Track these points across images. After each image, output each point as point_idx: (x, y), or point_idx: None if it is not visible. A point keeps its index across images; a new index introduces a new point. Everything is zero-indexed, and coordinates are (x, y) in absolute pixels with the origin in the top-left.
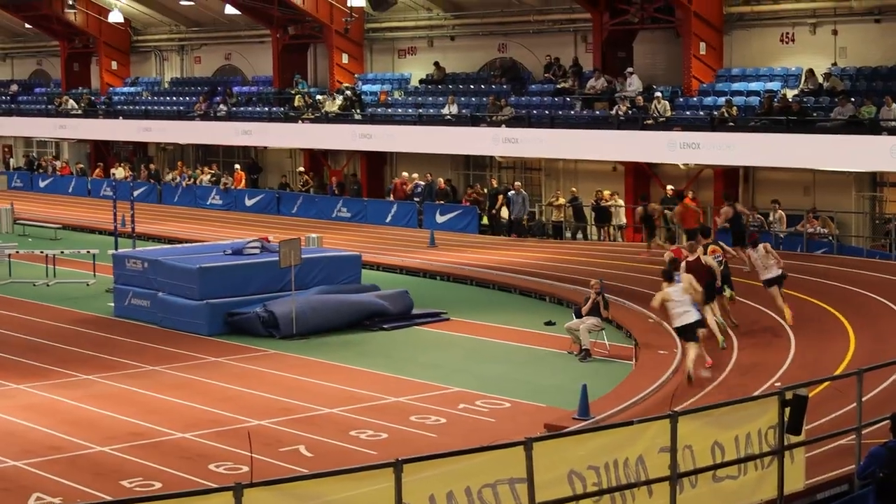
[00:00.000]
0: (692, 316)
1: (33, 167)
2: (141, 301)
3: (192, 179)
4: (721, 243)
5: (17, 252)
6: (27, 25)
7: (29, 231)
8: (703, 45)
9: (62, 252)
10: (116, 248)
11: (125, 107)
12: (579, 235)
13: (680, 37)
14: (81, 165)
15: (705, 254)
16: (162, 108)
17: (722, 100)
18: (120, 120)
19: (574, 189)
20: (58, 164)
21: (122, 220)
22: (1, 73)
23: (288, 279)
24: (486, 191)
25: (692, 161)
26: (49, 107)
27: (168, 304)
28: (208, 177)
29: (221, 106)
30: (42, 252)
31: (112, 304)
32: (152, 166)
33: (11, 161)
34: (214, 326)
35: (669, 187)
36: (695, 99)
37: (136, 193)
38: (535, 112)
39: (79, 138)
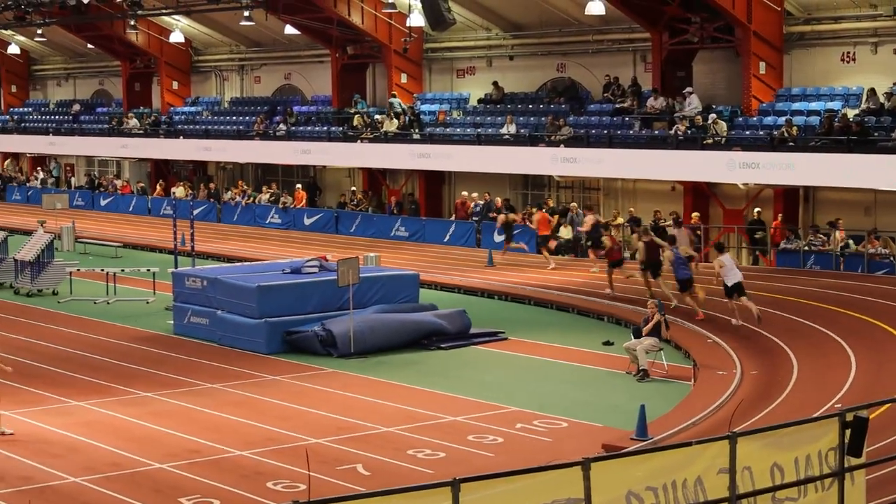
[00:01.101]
0: (737, 276)
1: (95, 186)
2: (200, 319)
3: (252, 198)
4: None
5: (79, 270)
6: (89, 46)
7: (90, 249)
8: (762, 64)
9: (122, 270)
10: (176, 267)
11: (185, 126)
12: (637, 255)
13: (739, 56)
14: (142, 184)
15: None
16: (222, 127)
17: (782, 119)
18: (180, 139)
19: (632, 209)
20: (119, 182)
21: (182, 238)
22: (63, 92)
23: (346, 298)
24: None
25: (751, 181)
26: (110, 126)
27: (227, 322)
28: (267, 196)
29: (281, 125)
30: (103, 270)
31: (171, 322)
32: (212, 185)
33: (73, 180)
34: (273, 345)
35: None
36: (754, 118)
37: (195, 212)
38: (593, 132)
39: (140, 157)
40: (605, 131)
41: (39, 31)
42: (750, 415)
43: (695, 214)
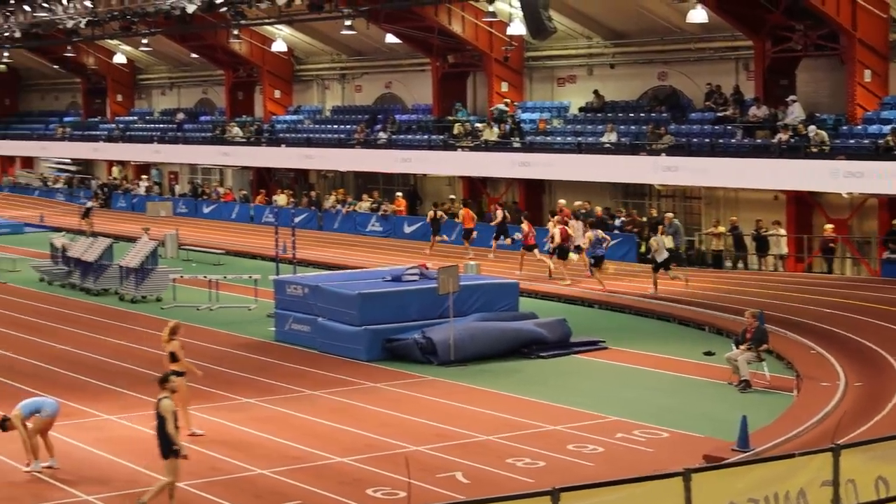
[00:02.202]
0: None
1: (198, 193)
2: (301, 326)
3: (352, 206)
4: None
5: (182, 277)
6: (193, 55)
7: (193, 256)
8: (867, 72)
9: (225, 277)
10: (277, 274)
11: (287, 134)
12: (739, 265)
13: (844, 64)
14: (244, 192)
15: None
16: (323, 135)
17: (887, 128)
18: (282, 147)
19: (734, 218)
20: (221, 190)
21: (284, 246)
22: (168, 101)
23: (446, 306)
24: (644, 219)
25: (856, 190)
26: (214, 135)
27: (328, 329)
28: (368, 204)
29: (381, 133)
30: (205, 277)
31: (273, 329)
32: (313, 193)
33: (177, 187)
34: (373, 352)
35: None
36: (859, 127)
37: (297, 220)
38: (695, 140)
39: (242, 165)
40: (707, 140)
41: (145, 41)
42: (854, 427)
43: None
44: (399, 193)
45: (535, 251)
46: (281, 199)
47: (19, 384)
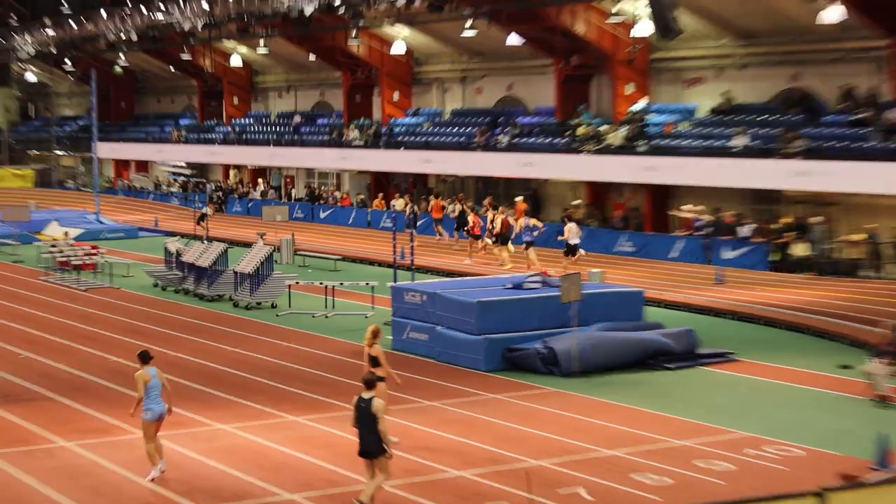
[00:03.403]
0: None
1: (314, 198)
2: (419, 334)
3: (473, 212)
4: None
5: (297, 283)
6: (311, 57)
7: (309, 262)
8: None
9: (341, 284)
10: (395, 281)
11: (406, 138)
12: (879, 273)
13: None
14: (362, 196)
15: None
16: (443, 139)
17: None
18: (401, 151)
19: (872, 225)
20: (338, 194)
21: (402, 252)
22: (284, 104)
23: (568, 315)
24: (773, 226)
25: None
26: (331, 138)
27: (446, 337)
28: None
29: (502, 137)
30: (321, 283)
31: (390, 338)
32: (432, 198)
33: (293, 192)
34: (493, 362)
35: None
36: None
37: (418, 225)
38: (829, 144)
39: (360, 169)
40: (842, 144)
41: (262, 43)
42: None
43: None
44: (519, 198)
45: (481, 241)
46: (399, 203)
47: (131, 390)
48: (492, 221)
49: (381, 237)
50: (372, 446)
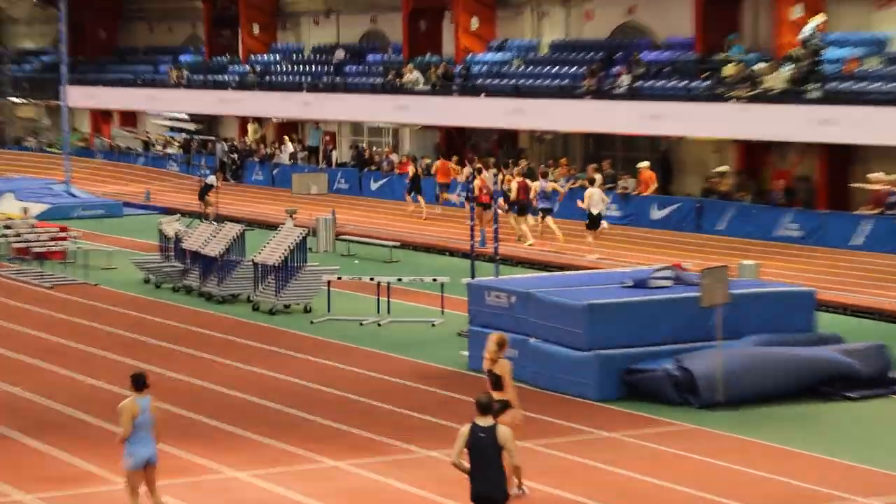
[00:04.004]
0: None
1: (363, 163)
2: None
3: (580, 182)
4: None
5: (339, 278)
6: None
7: (355, 250)
8: None
9: (399, 279)
10: (473, 276)
11: (488, 81)
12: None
13: None
14: (427, 160)
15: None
16: (538, 82)
17: None
18: (481, 98)
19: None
20: (395, 158)
21: (482, 236)
22: (322, 34)
23: (711, 324)
24: None
25: None
26: (385, 81)
27: (543, 354)
28: (601, 178)
29: (621, 79)
30: (372, 279)
31: (466, 354)
32: (523, 163)
33: (335, 154)
34: (607, 387)
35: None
36: None
37: (500, 200)
38: None
39: (424, 124)
40: None
41: None
42: None
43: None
44: (644, 164)
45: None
46: (466, 172)
47: (114, 424)
48: (503, 184)
49: (452, 217)
50: (494, 489)
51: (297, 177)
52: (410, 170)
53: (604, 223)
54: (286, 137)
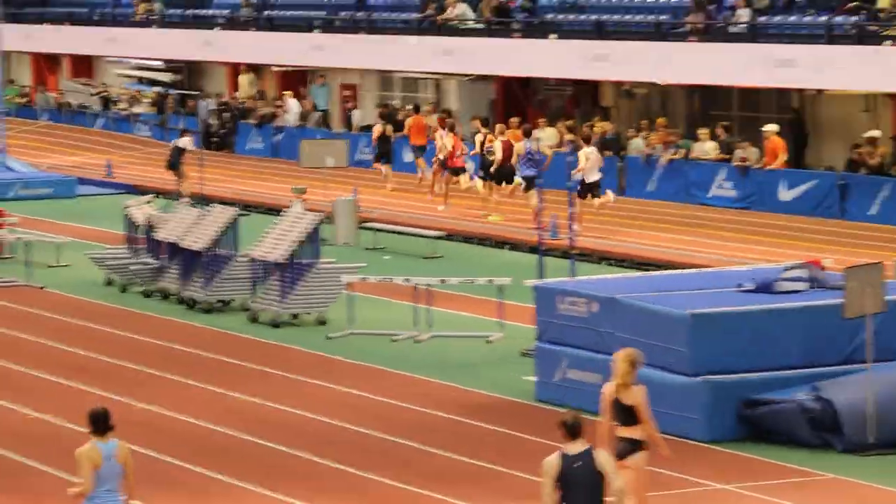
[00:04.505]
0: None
1: (394, 126)
2: (584, 374)
3: (683, 152)
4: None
5: (363, 279)
6: None
7: (385, 241)
8: None
9: (442, 281)
10: (541, 276)
11: (560, 16)
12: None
13: None
14: (480, 122)
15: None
16: (627, 17)
17: None
18: (549, 40)
19: None
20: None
21: (553, 224)
22: None
23: (859, 341)
24: None
25: None
26: (421, 16)
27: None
28: (712, 147)
29: (738, 14)
30: (407, 280)
31: (532, 379)
32: (605, 126)
33: (356, 115)
34: (719, 424)
35: None
36: None
37: (577, 176)
38: None
39: (474, 74)
40: None
41: None
42: None
43: None
44: (771, 127)
45: (464, 177)
46: (546, 136)
47: (69, 473)
48: (482, 145)
49: (514, 197)
50: None
51: (306, 144)
52: (377, 130)
53: (609, 194)
54: (291, 92)
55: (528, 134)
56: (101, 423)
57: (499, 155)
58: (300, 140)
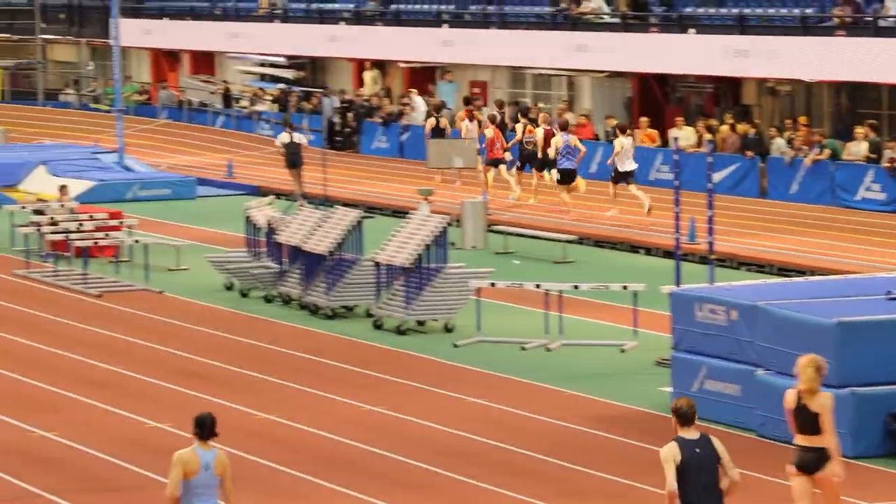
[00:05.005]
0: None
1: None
2: (723, 385)
3: (828, 152)
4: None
5: (493, 285)
6: None
7: (514, 245)
8: None
9: (575, 287)
10: (678, 282)
11: (700, 10)
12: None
13: None
14: (614, 121)
15: None
16: (771, 11)
17: None
18: (690, 35)
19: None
20: (571, 118)
21: (691, 227)
22: None
23: None
24: None
25: None
26: (554, 11)
27: (776, 392)
28: (864, 147)
29: (888, 6)
30: (538, 287)
31: (667, 390)
32: (752, 124)
33: (484, 112)
34: (866, 439)
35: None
36: None
37: (717, 178)
38: None
39: (609, 70)
40: None
41: None
42: None
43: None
44: None
45: (503, 168)
46: (682, 134)
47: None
48: (523, 135)
49: (655, 198)
50: None
51: (434, 144)
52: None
53: (634, 190)
54: (417, 90)
55: (564, 128)
56: (206, 429)
57: (541, 144)
58: (430, 139)
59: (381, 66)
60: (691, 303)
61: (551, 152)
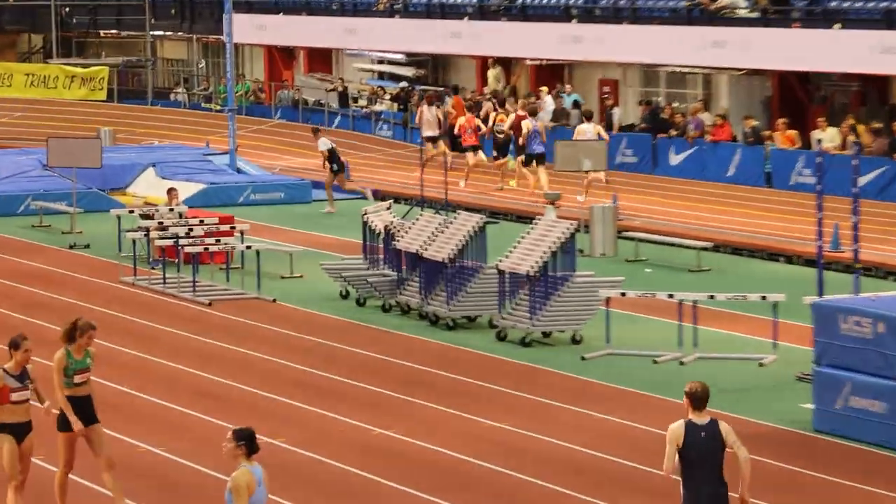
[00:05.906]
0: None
1: (659, 125)
2: (868, 402)
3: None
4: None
5: (623, 294)
6: None
7: (647, 252)
8: None
9: (711, 297)
10: (821, 293)
11: (846, 3)
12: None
13: None
14: (754, 122)
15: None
16: None
17: None
18: (836, 30)
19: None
20: (707, 118)
21: (835, 234)
22: None
23: None
24: None
25: None
26: (690, 4)
27: None
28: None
29: None
30: (671, 297)
31: (809, 407)
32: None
33: (617, 113)
34: None
35: None
36: None
37: (862, 182)
38: None
39: (748, 68)
40: None
41: None
42: None
43: None
44: None
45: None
46: (828, 136)
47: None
48: (493, 123)
49: (794, 203)
50: (720, 500)
51: (562, 146)
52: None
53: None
54: (545, 89)
55: (533, 114)
56: (255, 444)
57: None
58: (555, 141)
59: (504, 63)
60: (835, 314)
61: (521, 138)
